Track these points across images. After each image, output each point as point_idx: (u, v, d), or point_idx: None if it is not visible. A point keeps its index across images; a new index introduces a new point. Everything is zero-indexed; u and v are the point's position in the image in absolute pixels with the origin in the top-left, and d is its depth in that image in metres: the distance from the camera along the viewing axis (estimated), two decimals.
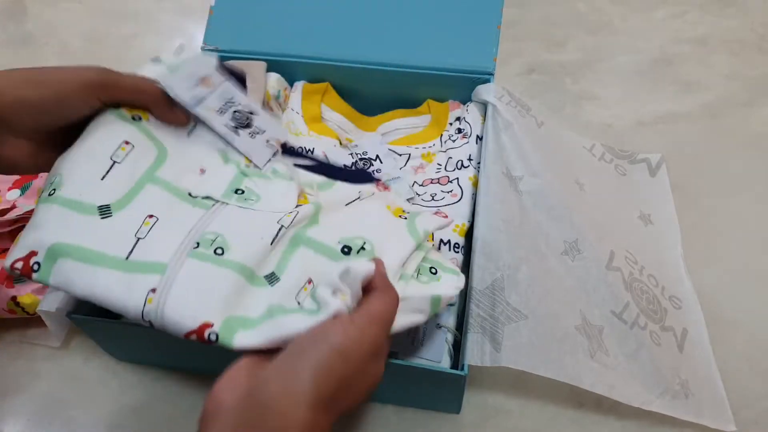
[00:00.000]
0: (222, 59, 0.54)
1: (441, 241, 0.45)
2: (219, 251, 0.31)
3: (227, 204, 0.34)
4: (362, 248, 0.33)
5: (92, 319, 0.40)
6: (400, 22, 0.55)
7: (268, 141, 0.40)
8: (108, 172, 0.33)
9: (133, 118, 0.35)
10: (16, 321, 0.47)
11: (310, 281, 0.32)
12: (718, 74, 0.67)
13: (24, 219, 0.47)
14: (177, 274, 0.30)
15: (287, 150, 0.41)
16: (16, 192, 0.50)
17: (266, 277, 0.32)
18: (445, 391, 0.41)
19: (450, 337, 0.41)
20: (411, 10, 0.55)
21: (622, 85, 0.67)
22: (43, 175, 0.51)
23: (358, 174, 0.42)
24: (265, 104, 0.53)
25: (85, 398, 0.45)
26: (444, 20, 0.55)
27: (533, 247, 0.45)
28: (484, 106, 0.52)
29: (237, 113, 0.39)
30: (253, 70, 0.54)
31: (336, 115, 0.56)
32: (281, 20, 0.56)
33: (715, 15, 0.73)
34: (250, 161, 0.38)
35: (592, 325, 0.43)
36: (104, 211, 0.32)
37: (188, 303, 0.29)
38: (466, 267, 0.44)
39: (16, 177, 0.52)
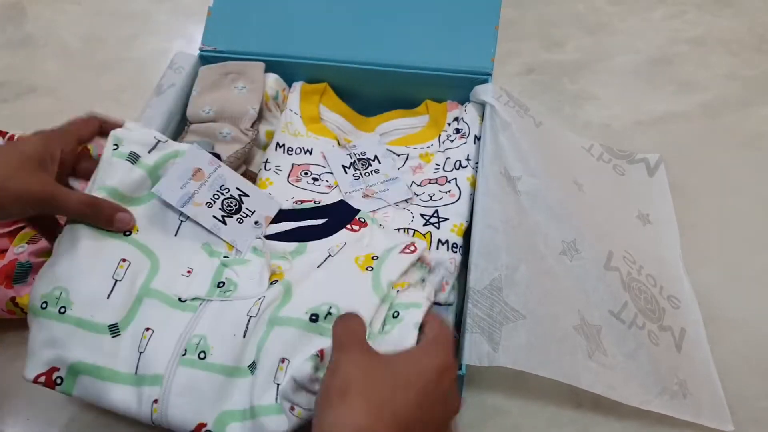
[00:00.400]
0: (221, 59, 0.54)
1: (439, 240, 0.45)
2: (202, 355, 0.35)
3: (211, 300, 0.38)
4: (329, 313, 0.34)
5: None
6: (399, 22, 0.55)
7: (256, 222, 0.42)
8: (112, 291, 0.37)
9: (125, 234, 0.39)
10: (15, 322, 0.47)
11: (283, 360, 0.33)
12: (716, 74, 0.67)
13: (22, 220, 0.47)
14: (172, 384, 0.35)
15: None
16: None
17: (249, 366, 0.34)
18: None
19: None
20: (409, 11, 0.55)
21: (620, 85, 0.67)
22: None
23: (334, 215, 0.43)
24: (264, 105, 0.53)
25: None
26: (442, 21, 0.55)
27: (531, 247, 0.45)
28: (482, 106, 0.52)
29: (228, 200, 0.41)
30: (252, 70, 0.54)
31: (334, 115, 0.56)
32: (279, 21, 0.56)
33: (713, 15, 0.73)
34: (233, 247, 0.41)
35: (591, 325, 0.43)
36: (114, 330, 0.36)
37: (184, 410, 0.34)
38: (464, 267, 0.44)
39: None
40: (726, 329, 0.47)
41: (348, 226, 0.42)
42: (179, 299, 0.38)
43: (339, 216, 0.43)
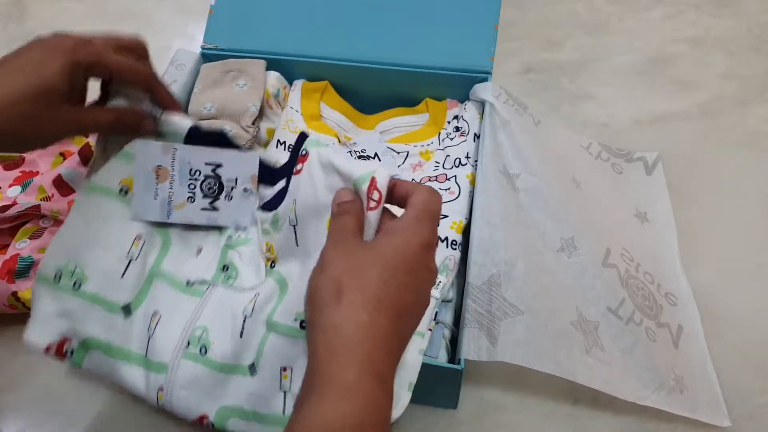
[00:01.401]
0: (223, 57, 0.55)
1: (438, 238, 0.45)
2: (203, 350, 0.36)
3: (216, 286, 0.38)
4: None
5: None
6: (399, 21, 0.55)
7: (245, 190, 0.39)
8: (126, 270, 0.37)
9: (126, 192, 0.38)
10: (17, 317, 0.47)
11: (285, 368, 0.33)
12: (714, 74, 0.67)
13: (24, 215, 0.48)
14: (176, 376, 0.35)
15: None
16: (17, 189, 0.50)
17: (249, 367, 0.35)
18: (441, 385, 0.41)
19: (447, 333, 0.42)
20: (410, 10, 0.56)
21: (618, 85, 0.67)
22: (44, 171, 0.52)
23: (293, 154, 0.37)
24: (265, 102, 0.54)
25: (84, 393, 0.45)
26: (442, 20, 0.55)
27: (530, 244, 0.45)
28: (481, 104, 0.52)
29: (205, 183, 0.38)
30: (253, 68, 0.54)
31: (335, 113, 0.57)
32: (281, 19, 0.57)
33: (711, 15, 0.73)
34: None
35: (588, 321, 0.44)
36: (126, 311, 0.37)
37: (188, 401, 0.35)
38: (463, 263, 0.44)
39: (17, 174, 0.52)
40: (723, 326, 0.47)
41: (293, 170, 0.36)
42: (187, 282, 0.38)
43: (292, 154, 0.37)
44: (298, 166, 0.35)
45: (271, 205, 0.39)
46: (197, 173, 0.38)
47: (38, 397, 0.45)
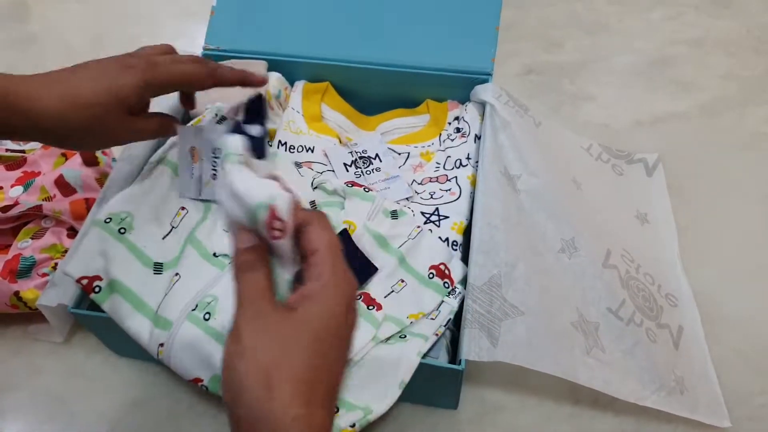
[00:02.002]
0: (224, 58, 0.55)
1: (439, 238, 0.45)
2: (207, 316, 0.38)
3: None
4: None
5: (94, 314, 0.41)
6: (400, 22, 0.56)
7: (263, 139, 0.38)
8: (167, 234, 0.42)
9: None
10: (19, 316, 0.47)
11: None
12: (714, 75, 0.67)
13: (26, 216, 0.48)
14: (176, 335, 0.37)
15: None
16: (19, 189, 0.50)
17: None
18: (442, 386, 0.41)
19: (447, 333, 0.42)
20: (411, 11, 0.56)
21: (619, 86, 0.67)
22: (46, 172, 0.52)
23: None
24: (266, 104, 0.54)
25: (87, 393, 0.45)
26: (443, 21, 0.55)
27: (530, 245, 0.45)
28: (482, 105, 0.52)
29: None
30: (254, 69, 0.54)
31: (336, 114, 0.57)
32: (282, 20, 0.57)
33: (711, 16, 0.73)
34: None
35: (588, 321, 0.44)
36: (158, 268, 0.41)
37: (184, 362, 0.37)
38: (464, 264, 0.44)
39: (19, 174, 0.52)
40: (723, 328, 0.47)
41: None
42: (214, 254, 0.41)
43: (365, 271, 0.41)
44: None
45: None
46: (218, 151, 0.41)
47: (40, 397, 0.45)
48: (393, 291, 0.42)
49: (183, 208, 0.43)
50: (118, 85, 0.36)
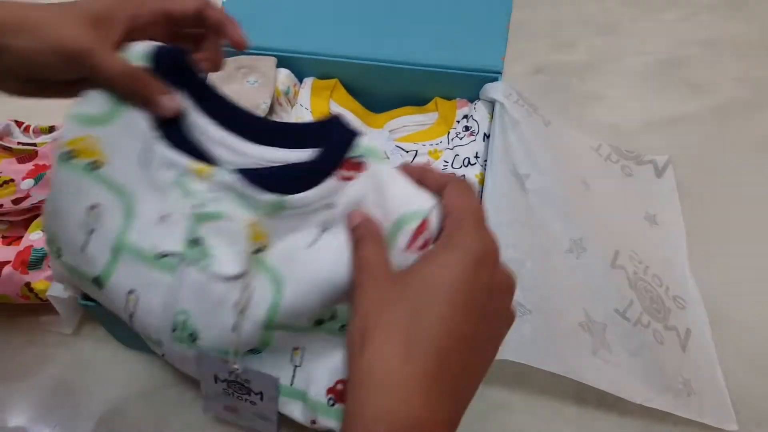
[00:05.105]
0: (234, 54, 0.55)
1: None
2: (192, 337, 0.32)
3: (189, 266, 0.32)
4: (332, 317, 0.31)
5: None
6: (410, 20, 0.56)
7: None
8: (87, 242, 0.33)
9: (92, 167, 0.32)
10: (29, 307, 0.47)
11: (297, 348, 0.33)
12: (726, 77, 0.67)
13: (37, 208, 0.48)
14: (172, 352, 0.33)
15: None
16: (30, 182, 0.51)
17: (250, 350, 0.33)
18: None
19: None
20: (421, 9, 0.56)
21: (629, 86, 0.67)
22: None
23: (328, 143, 0.30)
24: (275, 99, 0.54)
25: (95, 384, 0.45)
26: (453, 19, 0.55)
27: (538, 244, 0.45)
28: (491, 104, 0.52)
29: None
30: (264, 65, 0.55)
31: (344, 111, 0.57)
32: (291, 17, 0.57)
33: (723, 17, 0.73)
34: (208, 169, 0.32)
35: (596, 322, 0.44)
36: (98, 283, 0.34)
37: (185, 366, 0.35)
38: None
39: (31, 167, 0.53)
40: (732, 331, 0.47)
41: (338, 171, 0.30)
42: (160, 254, 0.33)
43: (333, 146, 0.30)
44: (347, 173, 0.29)
45: (262, 179, 0.31)
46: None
47: (49, 388, 0.45)
48: None
49: (92, 207, 0.33)
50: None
